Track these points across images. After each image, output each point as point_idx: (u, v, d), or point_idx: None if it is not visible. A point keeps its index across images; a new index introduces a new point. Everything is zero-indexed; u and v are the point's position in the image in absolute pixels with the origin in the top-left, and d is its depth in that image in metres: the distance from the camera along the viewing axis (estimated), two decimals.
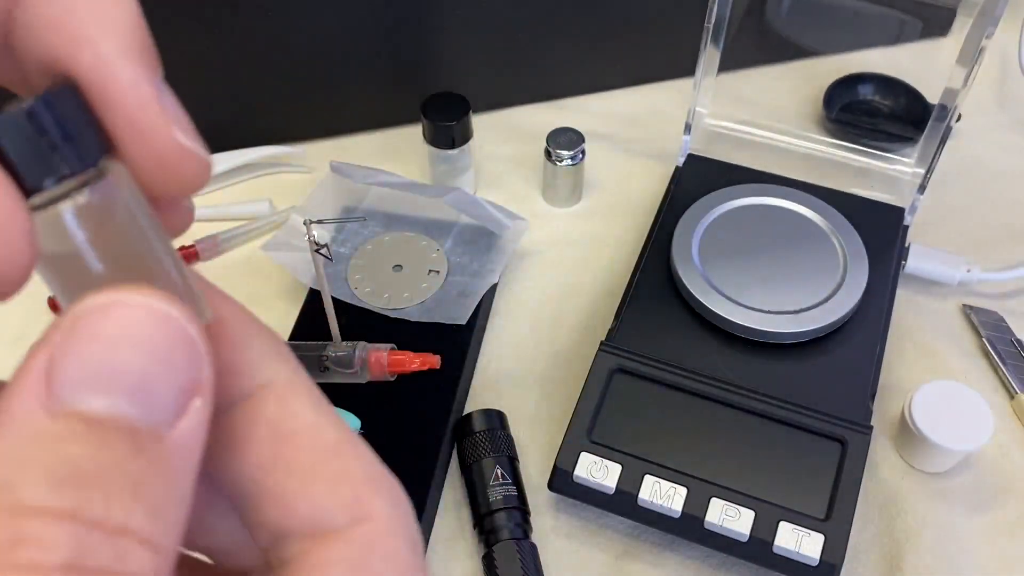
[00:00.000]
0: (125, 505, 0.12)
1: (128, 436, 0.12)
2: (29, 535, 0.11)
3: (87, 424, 0.12)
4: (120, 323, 0.13)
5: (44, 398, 0.12)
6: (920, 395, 0.51)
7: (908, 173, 0.62)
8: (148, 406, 0.13)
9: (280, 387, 0.15)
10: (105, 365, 0.13)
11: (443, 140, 0.62)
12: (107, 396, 0.12)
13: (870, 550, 0.49)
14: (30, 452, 0.12)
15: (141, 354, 0.13)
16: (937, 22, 0.75)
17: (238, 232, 0.64)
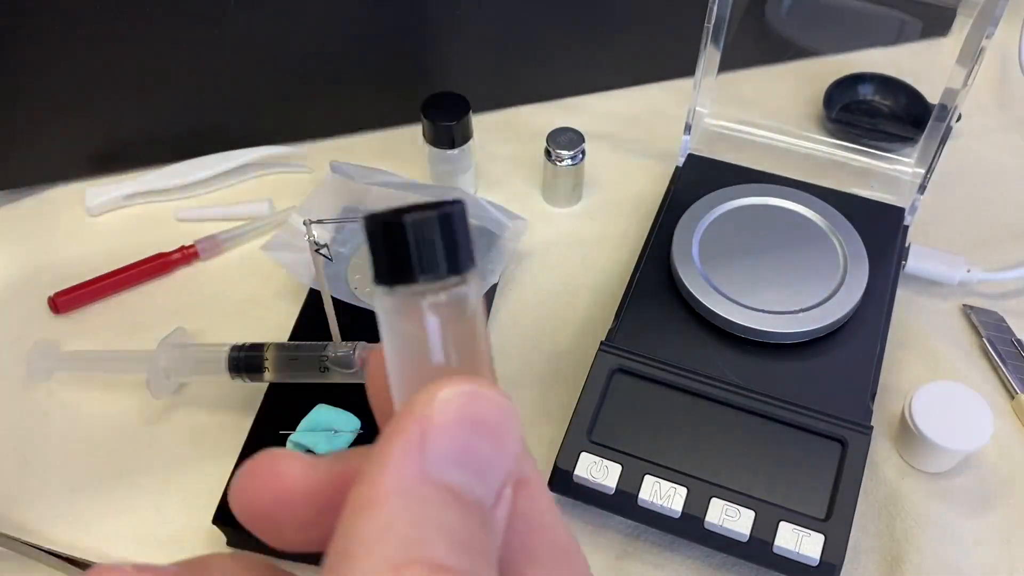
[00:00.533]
0: (492, 565, 0.14)
1: (482, 511, 0.14)
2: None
3: (454, 497, 0.14)
4: (480, 410, 0.14)
5: (419, 463, 0.14)
6: (920, 395, 0.51)
7: (908, 173, 0.62)
8: (489, 487, 0.15)
9: (532, 484, 0.17)
10: (468, 445, 0.14)
11: (443, 140, 0.62)
12: (467, 473, 0.14)
13: (870, 550, 0.49)
14: (421, 512, 0.13)
15: (492, 439, 0.14)
16: (937, 22, 0.75)
17: (238, 232, 0.64)
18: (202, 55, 0.64)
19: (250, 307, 0.61)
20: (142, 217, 0.66)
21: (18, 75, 0.61)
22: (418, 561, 0.13)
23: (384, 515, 0.14)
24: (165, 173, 0.67)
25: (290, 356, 0.52)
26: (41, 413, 0.56)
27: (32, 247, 0.64)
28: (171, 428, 0.55)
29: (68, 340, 0.59)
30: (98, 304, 0.61)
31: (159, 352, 0.53)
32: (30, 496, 0.52)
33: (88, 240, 0.65)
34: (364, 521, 0.14)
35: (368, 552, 0.13)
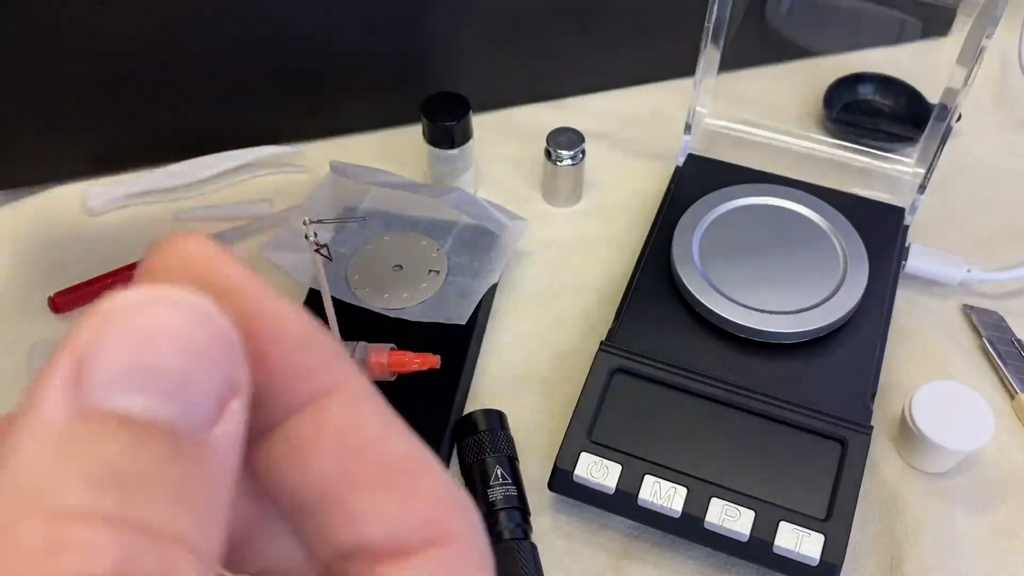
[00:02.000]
0: (170, 509, 0.11)
1: (167, 438, 0.12)
2: (72, 541, 0.11)
3: (123, 425, 0.11)
4: (157, 319, 0.12)
5: (74, 398, 0.11)
6: (920, 395, 0.51)
7: (908, 173, 0.62)
8: (186, 406, 0.12)
9: (344, 394, 0.14)
10: (141, 362, 0.12)
11: (443, 140, 0.62)
12: (143, 395, 0.12)
13: (870, 550, 0.49)
14: (63, 454, 0.11)
15: (179, 352, 0.12)
16: (937, 22, 0.75)
17: (238, 232, 0.64)
18: (202, 55, 0.64)
19: None
20: (142, 217, 0.66)
21: (18, 75, 0.61)
22: (37, 512, 0.11)
23: (13, 466, 0.11)
24: (165, 173, 0.67)
25: None
26: None
27: (32, 247, 0.64)
28: None
29: None
30: None
31: None
32: None
33: (88, 240, 0.65)
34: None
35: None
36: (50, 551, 0.10)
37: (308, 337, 0.14)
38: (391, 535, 0.14)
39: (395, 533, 0.14)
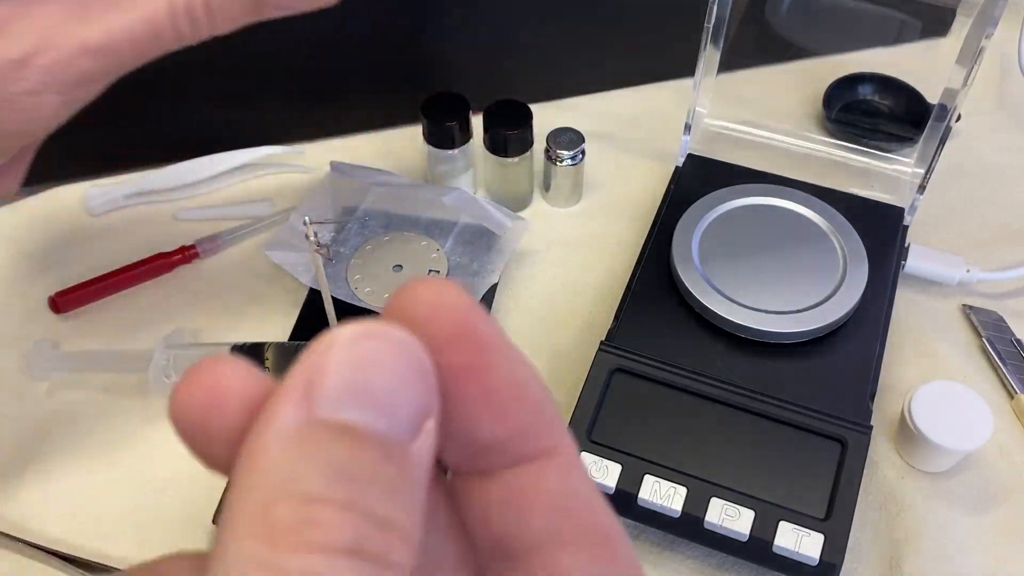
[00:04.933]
0: (387, 502, 0.14)
1: (380, 446, 0.14)
2: (316, 519, 0.13)
3: (345, 433, 0.14)
4: (371, 350, 0.14)
5: (306, 409, 0.14)
6: (920, 395, 0.51)
7: (908, 173, 0.62)
8: (393, 421, 0.14)
9: (562, 459, 0.16)
10: (358, 384, 0.14)
11: (443, 140, 0.62)
12: (360, 410, 0.14)
13: (870, 550, 0.49)
14: (302, 454, 0.13)
15: (388, 377, 0.14)
16: (937, 22, 0.75)
17: (238, 232, 0.64)
18: (202, 55, 0.64)
19: (250, 307, 0.61)
20: (142, 217, 0.66)
21: None
22: (290, 497, 0.13)
23: (261, 461, 0.13)
24: (165, 173, 0.67)
25: (290, 356, 0.52)
26: (41, 412, 0.56)
27: (32, 247, 0.64)
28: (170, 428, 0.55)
29: (68, 340, 0.59)
30: (98, 304, 0.61)
31: (159, 352, 0.53)
32: (30, 495, 0.52)
33: (88, 240, 0.65)
34: (243, 470, 0.14)
35: (244, 499, 0.13)
36: (300, 527, 0.13)
37: (541, 401, 0.16)
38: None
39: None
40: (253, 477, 0.13)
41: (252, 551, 0.13)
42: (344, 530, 0.13)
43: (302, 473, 0.13)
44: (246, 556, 0.13)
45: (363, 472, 0.14)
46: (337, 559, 0.13)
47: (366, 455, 0.14)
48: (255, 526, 0.13)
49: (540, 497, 0.16)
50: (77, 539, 0.50)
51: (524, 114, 0.62)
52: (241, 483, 0.14)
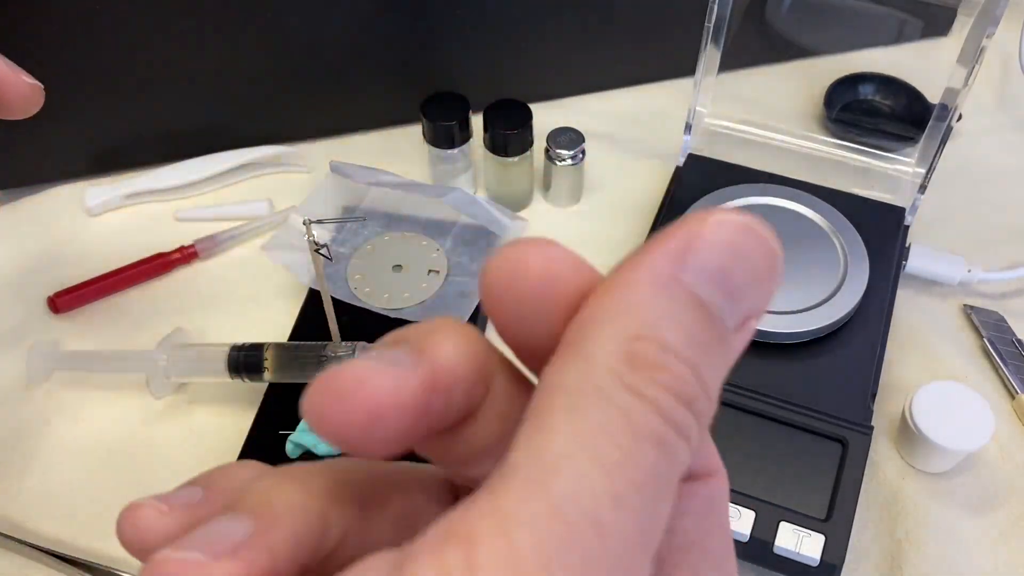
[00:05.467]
0: (716, 378, 0.15)
1: (721, 328, 0.15)
2: (670, 367, 0.14)
3: (701, 305, 0.15)
4: (741, 243, 0.16)
5: (676, 269, 0.15)
6: (921, 395, 0.50)
7: (909, 173, 0.62)
8: (734, 312, 0.16)
9: (721, 481, 0.18)
10: (722, 269, 0.15)
11: (443, 140, 0.62)
12: (718, 292, 0.15)
13: (871, 550, 0.49)
14: (668, 306, 0.15)
15: (745, 272, 0.16)
16: (938, 22, 0.75)
17: (238, 232, 0.64)
18: (202, 55, 0.64)
19: (250, 307, 0.61)
20: (141, 217, 0.66)
21: None
22: (654, 339, 0.15)
23: (631, 296, 0.15)
24: (165, 173, 0.67)
25: (290, 356, 0.52)
26: (40, 413, 0.56)
27: (32, 247, 0.64)
28: (170, 428, 0.55)
29: (68, 340, 0.59)
30: (98, 304, 0.61)
31: (159, 352, 0.53)
32: (29, 496, 0.52)
33: (88, 240, 0.65)
34: (611, 297, 0.15)
35: (609, 321, 0.15)
36: (658, 366, 0.14)
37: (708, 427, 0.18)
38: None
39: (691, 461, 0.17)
40: (622, 307, 0.15)
41: (616, 366, 0.14)
42: (689, 384, 0.15)
43: (665, 323, 0.15)
44: (611, 368, 0.14)
45: (708, 345, 0.15)
46: (678, 405, 0.14)
47: (711, 332, 0.15)
48: (621, 348, 0.14)
49: (695, 505, 0.17)
50: (77, 539, 0.50)
51: (524, 114, 0.61)
52: (605, 304, 0.15)
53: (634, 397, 0.14)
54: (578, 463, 0.13)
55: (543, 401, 0.14)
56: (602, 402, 0.14)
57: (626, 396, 0.14)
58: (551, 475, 0.13)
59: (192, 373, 0.53)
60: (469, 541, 0.13)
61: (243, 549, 0.16)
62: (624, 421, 0.14)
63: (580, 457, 0.13)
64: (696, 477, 0.18)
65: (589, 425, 0.14)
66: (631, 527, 0.14)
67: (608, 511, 0.13)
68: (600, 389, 0.14)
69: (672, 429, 0.14)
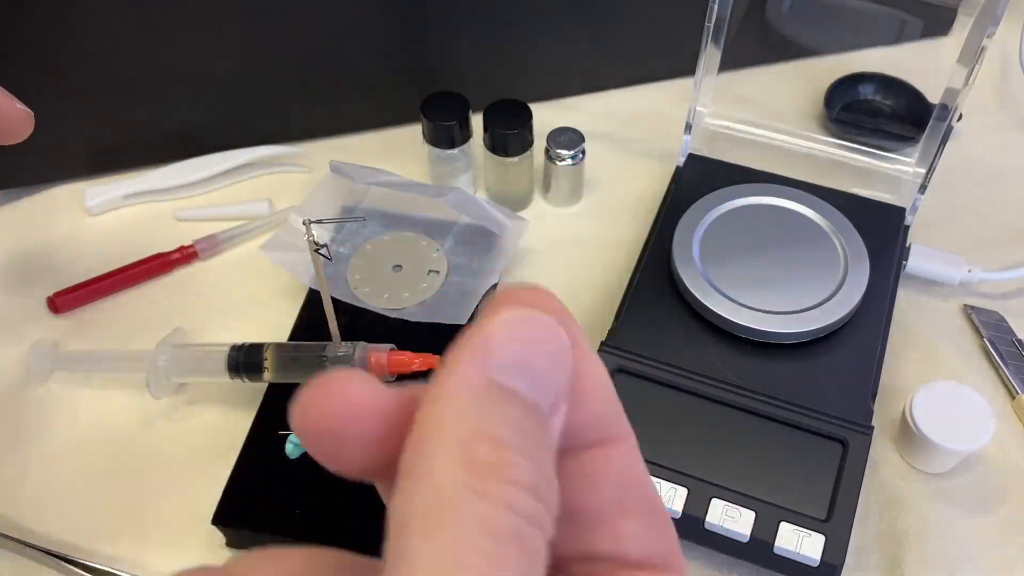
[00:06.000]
0: (550, 463, 0.16)
1: (539, 414, 0.16)
2: (510, 461, 0.15)
3: (517, 397, 0.16)
4: (538, 333, 0.17)
5: (484, 370, 0.16)
6: (921, 395, 0.50)
7: (909, 173, 0.62)
8: (545, 396, 0.17)
9: (626, 445, 0.19)
10: (526, 358, 0.16)
11: (443, 140, 0.62)
12: (525, 381, 0.16)
13: (871, 551, 0.49)
14: (488, 409, 0.16)
15: (546, 359, 0.17)
16: (938, 21, 0.75)
17: (237, 232, 0.64)
18: (202, 54, 0.64)
19: (250, 307, 0.61)
20: (141, 217, 0.66)
21: (18, 74, 0.61)
22: (486, 440, 0.15)
23: (455, 405, 0.16)
24: (164, 173, 0.67)
25: (290, 356, 0.52)
26: (40, 413, 0.56)
27: (31, 247, 0.64)
28: (170, 428, 0.55)
29: (67, 340, 0.59)
30: (97, 304, 0.61)
31: (158, 352, 0.53)
32: (29, 496, 0.52)
33: (87, 240, 0.65)
34: (437, 412, 0.16)
35: (439, 436, 0.15)
36: (498, 465, 0.15)
37: (611, 395, 0.19)
38: (644, 553, 0.18)
39: (647, 553, 0.18)
40: (448, 418, 0.15)
41: (459, 476, 0.15)
42: (528, 472, 0.15)
43: (492, 421, 0.15)
44: (455, 479, 0.15)
45: (534, 433, 0.16)
46: (527, 495, 0.15)
47: (533, 419, 0.16)
48: (459, 456, 0.15)
49: (610, 473, 0.18)
50: (77, 539, 0.50)
51: (524, 113, 0.61)
52: (434, 417, 0.16)
53: (484, 501, 0.14)
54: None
55: (397, 534, 0.14)
56: (455, 515, 0.14)
57: (476, 502, 0.14)
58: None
59: (192, 373, 0.53)
60: None
61: None
62: (481, 528, 0.14)
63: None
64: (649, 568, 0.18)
65: (448, 542, 0.14)
66: None
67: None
68: (450, 502, 0.14)
69: (526, 520, 0.15)
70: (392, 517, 0.15)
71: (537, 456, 0.16)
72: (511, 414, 0.16)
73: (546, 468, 0.16)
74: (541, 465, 0.16)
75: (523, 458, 0.15)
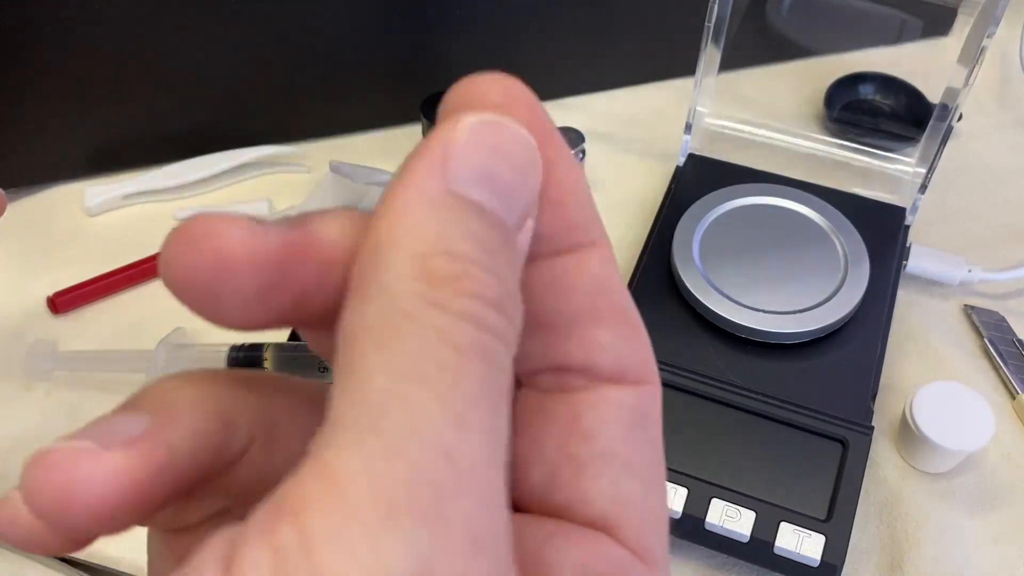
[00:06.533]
0: (514, 280, 0.15)
1: (503, 228, 0.15)
2: (470, 274, 0.14)
3: (477, 210, 0.15)
4: (503, 140, 0.15)
5: (443, 181, 0.15)
6: (921, 395, 0.50)
7: (909, 173, 0.62)
8: (510, 211, 0.15)
9: (601, 251, 0.17)
10: (489, 169, 0.15)
11: None
12: (489, 193, 0.15)
13: (871, 551, 0.49)
14: (447, 218, 0.14)
15: (512, 169, 0.15)
16: (938, 21, 0.74)
17: None
18: (201, 54, 0.64)
19: None
20: (141, 217, 0.66)
21: (17, 74, 0.61)
22: (444, 252, 0.14)
23: (411, 217, 0.14)
24: (164, 173, 0.67)
25: (290, 356, 0.51)
26: (40, 413, 0.56)
27: (31, 247, 0.64)
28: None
29: (67, 340, 0.59)
30: (97, 304, 0.61)
31: (158, 352, 0.53)
32: None
33: (87, 240, 0.65)
34: (392, 222, 0.14)
35: (397, 246, 0.14)
36: (457, 277, 0.14)
37: (587, 198, 0.17)
38: (617, 365, 0.17)
39: (620, 364, 0.17)
40: (403, 231, 0.14)
41: (416, 287, 0.13)
42: (492, 287, 0.14)
43: (451, 235, 0.14)
44: (410, 290, 0.13)
45: (499, 248, 0.15)
46: (489, 309, 0.14)
47: (497, 234, 0.15)
48: (415, 269, 0.14)
49: (583, 280, 0.17)
50: None
51: None
52: (389, 229, 0.14)
53: (444, 312, 0.13)
54: (406, 394, 0.13)
55: (349, 347, 0.13)
56: (413, 326, 0.13)
57: (435, 313, 0.13)
58: (379, 415, 0.12)
59: None
60: (300, 511, 0.12)
61: (138, 442, 0.15)
62: (441, 339, 0.13)
63: (407, 388, 0.13)
64: (626, 382, 0.17)
65: (407, 353, 0.13)
66: (478, 445, 0.13)
67: (452, 434, 0.12)
68: (406, 314, 0.13)
69: (490, 334, 0.14)
70: (342, 332, 0.14)
71: (501, 272, 0.14)
72: (474, 227, 0.14)
73: (510, 284, 0.15)
74: (504, 281, 0.14)
75: (484, 272, 0.14)
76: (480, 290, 0.14)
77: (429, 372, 0.13)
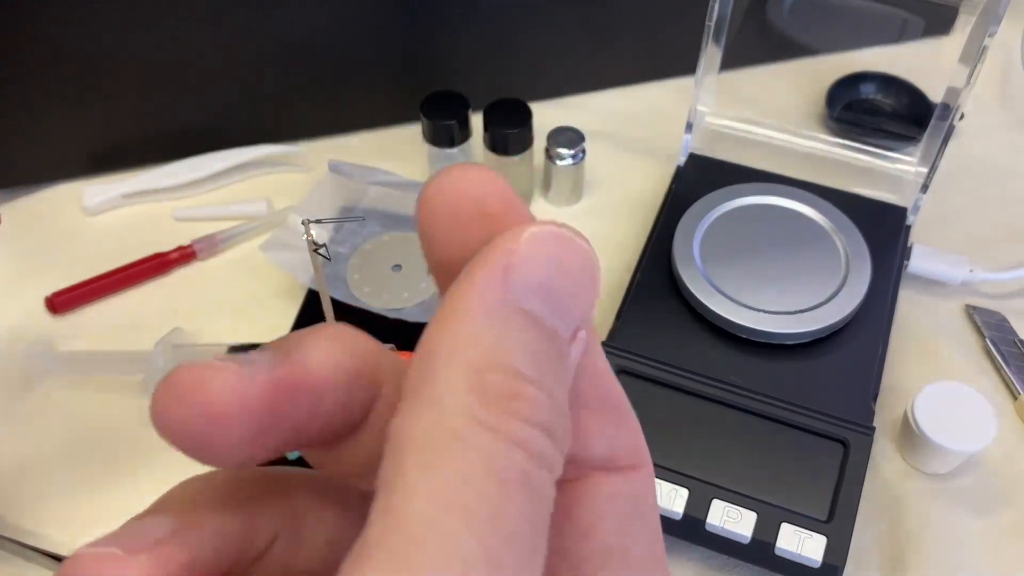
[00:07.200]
0: (565, 395, 0.15)
1: (560, 341, 0.15)
2: (523, 394, 0.14)
3: (535, 322, 0.15)
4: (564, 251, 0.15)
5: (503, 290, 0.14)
6: (923, 396, 0.50)
7: (910, 172, 0.62)
8: (565, 324, 0.15)
9: (645, 475, 0.17)
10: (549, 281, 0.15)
11: (443, 139, 0.62)
12: (545, 304, 0.15)
13: (872, 552, 0.49)
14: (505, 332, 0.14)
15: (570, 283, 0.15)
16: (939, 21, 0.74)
17: (236, 232, 0.64)
18: (201, 54, 0.63)
19: (248, 307, 0.60)
20: (140, 217, 0.66)
21: (17, 74, 0.61)
22: (500, 367, 0.14)
23: (469, 326, 0.14)
24: (163, 172, 0.66)
25: None
26: (38, 414, 0.56)
27: (30, 246, 0.64)
28: None
29: (65, 340, 0.59)
30: (96, 304, 0.61)
31: (157, 352, 0.53)
32: (27, 497, 0.52)
33: (86, 240, 0.64)
34: (449, 330, 0.14)
35: (452, 355, 0.14)
36: (510, 396, 0.14)
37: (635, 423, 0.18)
38: (608, 451, 0.17)
39: (611, 451, 0.17)
40: (460, 339, 0.14)
41: (468, 404, 0.13)
42: (543, 409, 0.14)
43: (508, 347, 0.14)
44: (462, 405, 0.13)
45: (552, 363, 0.15)
46: (540, 434, 0.14)
47: (552, 348, 0.15)
48: (470, 382, 0.14)
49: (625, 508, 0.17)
50: (75, 540, 0.50)
51: (524, 113, 0.61)
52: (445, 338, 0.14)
53: (493, 437, 0.13)
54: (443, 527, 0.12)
55: (395, 460, 0.13)
56: (460, 450, 0.13)
57: (485, 437, 0.13)
58: (414, 547, 0.12)
59: None
60: None
61: (162, 545, 0.15)
62: (487, 468, 0.13)
63: (444, 520, 0.12)
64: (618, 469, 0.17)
65: (449, 480, 0.13)
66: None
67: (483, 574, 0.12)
68: (455, 434, 0.13)
69: (536, 463, 0.14)
70: (391, 439, 0.14)
71: (553, 389, 0.14)
72: (530, 340, 0.14)
73: (560, 400, 0.15)
74: (555, 397, 0.14)
75: (539, 391, 0.14)
76: (533, 413, 0.14)
77: (470, 503, 0.13)
